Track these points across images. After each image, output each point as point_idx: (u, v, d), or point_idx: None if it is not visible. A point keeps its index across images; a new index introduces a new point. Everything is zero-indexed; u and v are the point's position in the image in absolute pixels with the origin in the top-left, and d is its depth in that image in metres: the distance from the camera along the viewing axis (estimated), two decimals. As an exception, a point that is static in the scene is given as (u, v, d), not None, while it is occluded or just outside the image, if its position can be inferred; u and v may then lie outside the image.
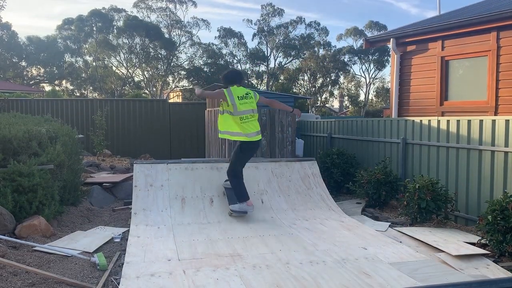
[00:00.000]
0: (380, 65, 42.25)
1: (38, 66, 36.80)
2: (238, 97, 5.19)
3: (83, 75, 39.35)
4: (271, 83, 40.42)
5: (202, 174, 5.96)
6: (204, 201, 5.58)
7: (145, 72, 39.70)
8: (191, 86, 38.20)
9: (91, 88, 41.85)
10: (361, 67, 44.74)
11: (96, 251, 4.32)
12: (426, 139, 6.24)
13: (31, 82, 36.85)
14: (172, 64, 39.00)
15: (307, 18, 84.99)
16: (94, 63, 39.26)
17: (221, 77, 5.52)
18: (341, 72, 43.99)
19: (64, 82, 40.56)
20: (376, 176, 6.31)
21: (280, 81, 41.63)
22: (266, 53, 41.27)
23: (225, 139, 7.29)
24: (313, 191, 6.19)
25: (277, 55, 42.38)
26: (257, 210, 5.58)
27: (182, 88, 40.26)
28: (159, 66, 38.77)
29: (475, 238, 4.76)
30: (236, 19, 62.33)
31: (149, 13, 39.77)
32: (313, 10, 71.98)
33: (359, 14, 72.03)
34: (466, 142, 5.56)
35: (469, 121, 5.55)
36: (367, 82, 44.38)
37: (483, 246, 4.48)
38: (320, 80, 43.67)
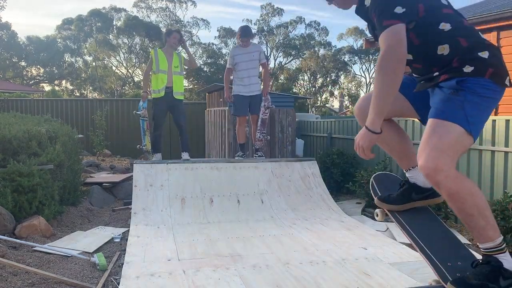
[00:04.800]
0: (380, 65, 42.20)
1: (38, 66, 36.77)
2: None
3: (83, 75, 39.33)
4: (271, 83, 40.42)
5: (202, 174, 5.95)
6: (204, 201, 5.57)
7: (145, 72, 39.69)
8: (190, 86, 38.18)
9: (91, 88, 41.84)
10: (362, 67, 44.74)
11: (96, 251, 4.32)
12: (426, 139, 6.23)
13: (30, 82, 36.82)
14: (172, 64, 38.98)
15: (316, 17, 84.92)
16: (94, 63, 39.25)
17: None
18: (341, 72, 44.00)
19: (64, 82, 40.55)
20: (376, 176, 6.30)
21: (280, 81, 41.66)
22: (266, 53, 41.26)
23: (225, 138, 7.33)
24: (313, 191, 6.19)
25: (277, 55, 42.41)
26: (257, 210, 5.58)
27: (183, 87, 40.30)
28: (159, 66, 38.74)
29: (462, 238, 4.75)
30: (236, 19, 62.42)
31: (149, 13, 39.81)
32: (324, 9, 72.13)
33: None
34: (466, 142, 5.55)
35: (469, 121, 5.54)
36: (368, 82, 44.39)
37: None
38: (320, 80, 43.67)
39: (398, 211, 2.25)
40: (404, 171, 2.34)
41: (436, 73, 1.94)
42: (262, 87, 6.80)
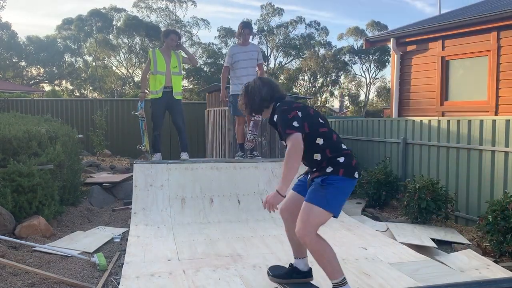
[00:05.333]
0: (381, 64, 42.24)
1: (38, 66, 36.73)
2: None
3: (83, 75, 39.30)
4: (271, 83, 40.32)
5: (202, 174, 5.95)
6: (204, 201, 5.57)
7: (145, 72, 39.64)
8: (190, 86, 38.19)
9: (91, 88, 41.81)
10: (362, 67, 44.68)
11: (96, 251, 4.32)
12: (426, 139, 6.23)
13: (31, 82, 36.80)
14: (172, 64, 38.93)
15: (316, 17, 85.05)
16: (94, 63, 39.24)
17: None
18: (342, 72, 43.96)
19: (64, 82, 40.51)
20: (376, 176, 6.30)
21: (280, 81, 41.61)
22: (266, 52, 41.21)
23: (225, 138, 7.30)
24: (313, 191, 6.18)
25: (277, 55, 42.38)
26: (257, 210, 5.58)
27: (181, 88, 40.26)
28: (159, 66, 38.68)
29: (462, 239, 4.77)
30: (236, 19, 62.46)
31: (149, 13, 39.79)
32: (327, 8, 72.38)
33: (373, 13, 72.18)
34: (467, 142, 5.56)
35: (469, 121, 5.54)
36: (368, 82, 44.39)
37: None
38: (320, 80, 43.65)
39: (284, 283, 3.28)
40: (294, 257, 3.27)
41: (314, 169, 2.98)
42: None
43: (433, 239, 4.69)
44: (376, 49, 39.10)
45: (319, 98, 43.59)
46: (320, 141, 2.94)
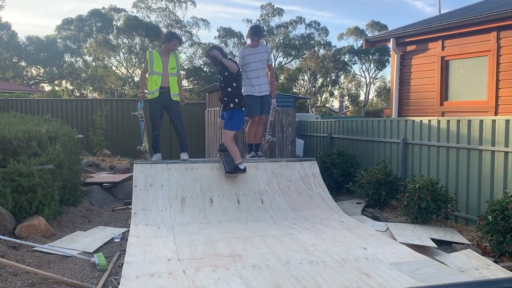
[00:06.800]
0: (381, 65, 42.24)
1: (38, 66, 36.73)
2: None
3: (83, 75, 39.30)
4: (271, 83, 40.34)
5: (202, 174, 5.95)
6: (204, 201, 5.57)
7: (145, 72, 39.62)
8: (190, 86, 38.19)
9: (91, 88, 41.83)
10: (361, 67, 44.69)
11: (96, 251, 4.32)
12: (426, 139, 6.23)
13: (30, 82, 36.79)
14: (171, 64, 38.89)
15: (316, 17, 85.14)
16: (94, 63, 39.24)
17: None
18: (341, 72, 43.96)
19: (64, 82, 40.51)
20: (376, 176, 6.30)
21: (280, 81, 41.62)
22: (266, 53, 41.17)
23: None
24: (313, 191, 6.19)
25: (277, 55, 42.37)
26: (257, 210, 5.58)
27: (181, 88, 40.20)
28: (159, 66, 38.65)
29: (461, 238, 4.77)
30: (236, 19, 62.58)
31: (148, 13, 39.80)
32: (327, 8, 72.50)
33: (373, 13, 72.34)
34: (466, 142, 5.56)
35: (469, 121, 5.55)
36: (367, 82, 44.38)
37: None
38: (320, 80, 43.65)
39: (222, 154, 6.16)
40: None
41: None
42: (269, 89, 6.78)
43: (433, 239, 4.69)
44: (376, 49, 39.08)
45: (319, 98, 43.59)
46: (232, 87, 6.01)
